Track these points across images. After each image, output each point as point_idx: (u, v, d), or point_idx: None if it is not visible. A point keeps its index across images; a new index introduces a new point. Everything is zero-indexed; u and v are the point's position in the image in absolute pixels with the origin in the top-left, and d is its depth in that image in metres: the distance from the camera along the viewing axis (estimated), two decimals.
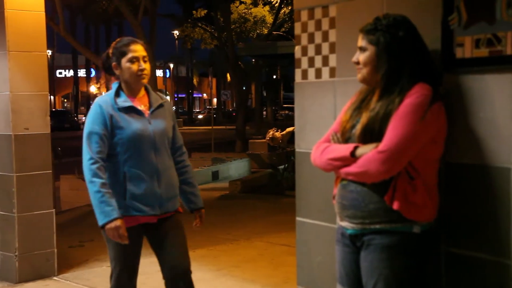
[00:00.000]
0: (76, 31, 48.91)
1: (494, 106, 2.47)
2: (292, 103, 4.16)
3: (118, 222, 3.27)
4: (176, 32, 42.57)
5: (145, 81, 3.46)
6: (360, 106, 2.58)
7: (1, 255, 5.62)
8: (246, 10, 24.18)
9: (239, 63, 22.36)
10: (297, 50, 3.45)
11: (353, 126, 2.54)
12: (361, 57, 2.52)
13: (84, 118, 54.79)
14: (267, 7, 24.17)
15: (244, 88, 23.52)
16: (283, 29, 24.29)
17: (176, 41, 56.35)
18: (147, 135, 3.43)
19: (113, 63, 3.47)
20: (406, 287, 2.42)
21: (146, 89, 3.53)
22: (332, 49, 3.23)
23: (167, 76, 65.35)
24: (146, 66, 3.44)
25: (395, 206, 2.37)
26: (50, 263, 5.73)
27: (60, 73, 65.35)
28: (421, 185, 2.39)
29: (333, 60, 3.23)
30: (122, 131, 3.39)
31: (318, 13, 3.28)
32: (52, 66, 53.34)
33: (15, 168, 5.43)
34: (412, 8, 2.74)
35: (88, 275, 5.93)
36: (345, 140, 2.58)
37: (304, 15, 3.36)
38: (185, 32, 24.43)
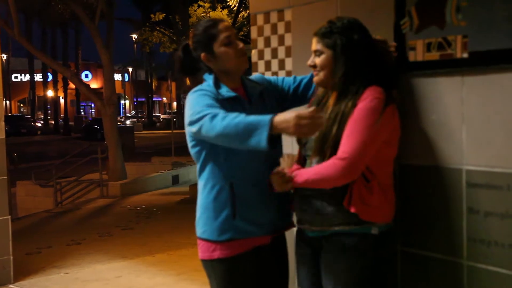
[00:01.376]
0: (32, 35, 48.09)
1: (446, 109, 2.53)
2: None
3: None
4: (134, 36, 42.24)
5: (245, 64, 2.70)
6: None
7: None
8: (204, 14, 24.10)
9: None
10: (254, 53, 3.47)
11: None
12: (317, 60, 2.52)
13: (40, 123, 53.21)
14: (225, 11, 24.14)
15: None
16: (242, 33, 24.33)
17: (135, 45, 55.89)
18: None
19: (202, 54, 2.66)
20: (365, 287, 2.46)
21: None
22: (288, 52, 3.27)
23: (126, 80, 64.73)
24: (241, 44, 2.68)
25: (353, 209, 2.40)
26: (6, 270, 5.62)
27: (16, 77, 64.13)
28: (377, 187, 2.43)
29: (289, 64, 3.27)
30: None
31: (274, 17, 3.31)
32: (7, 70, 52.34)
33: None
34: (365, 12, 2.79)
35: (46, 282, 5.84)
36: (303, 144, 2.60)
37: (260, 19, 3.39)
38: (143, 36, 24.23)
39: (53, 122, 52.21)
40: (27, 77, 57.08)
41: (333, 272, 2.46)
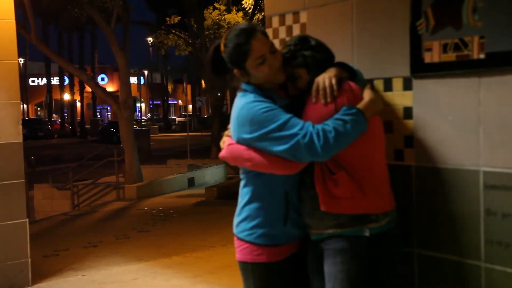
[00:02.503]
0: (48, 39, 48.48)
1: (463, 110, 2.51)
2: None
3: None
4: (150, 39, 42.42)
5: (281, 77, 2.56)
6: None
7: None
8: (219, 17, 24.19)
9: None
10: None
11: None
12: None
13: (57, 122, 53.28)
14: (240, 13, 24.20)
15: (219, 94, 23.51)
16: None
17: (150, 48, 56.16)
18: None
19: (235, 70, 2.58)
20: None
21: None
22: None
23: (142, 83, 65.05)
24: (276, 57, 2.54)
25: (323, 207, 2.43)
26: (24, 273, 5.66)
27: (33, 81, 64.68)
28: (345, 178, 2.41)
29: None
30: None
31: (289, 19, 3.30)
32: (25, 74, 52.82)
33: None
34: (381, 13, 2.79)
35: (63, 285, 5.88)
36: None
37: (275, 21, 3.39)
38: (159, 39, 24.38)
39: (69, 125, 52.60)
40: (44, 80, 57.58)
41: (330, 274, 2.48)
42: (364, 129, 2.38)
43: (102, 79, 60.88)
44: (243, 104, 2.52)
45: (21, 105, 5.91)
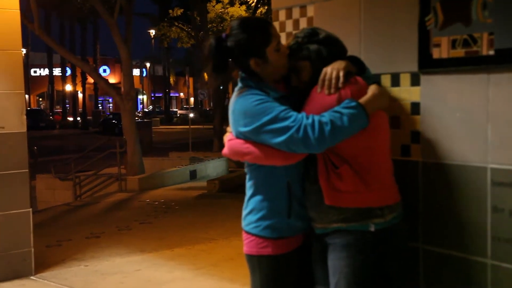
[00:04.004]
0: (51, 29, 48.38)
1: (471, 106, 2.51)
2: None
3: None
4: (152, 31, 42.37)
5: (285, 71, 2.59)
6: None
7: None
8: (223, 10, 24.13)
9: None
10: None
11: None
12: None
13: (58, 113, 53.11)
14: (243, 7, 24.14)
15: (221, 87, 23.48)
16: None
17: (153, 40, 56.07)
18: None
19: (252, 60, 2.50)
20: (367, 283, 2.45)
21: None
22: None
23: (144, 75, 65.02)
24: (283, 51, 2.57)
25: (327, 202, 2.43)
26: (27, 262, 5.68)
27: (35, 71, 64.61)
28: (349, 172, 2.41)
29: None
30: None
31: (296, 12, 3.30)
32: (27, 64, 52.75)
33: None
34: (389, 8, 2.78)
35: (66, 275, 5.89)
36: None
37: (282, 15, 3.38)
38: (161, 31, 24.31)
39: (71, 116, 52.60)
40: (46, 71, 57.52)
41: (335, 269, 2.47)
42: (364, 125, 2.36)
43: (104, 71, 60.80)
44: (237, 98, 2.52)
45: (25, 96, 5.90)
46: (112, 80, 53.38)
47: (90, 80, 42.15)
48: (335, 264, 2.48)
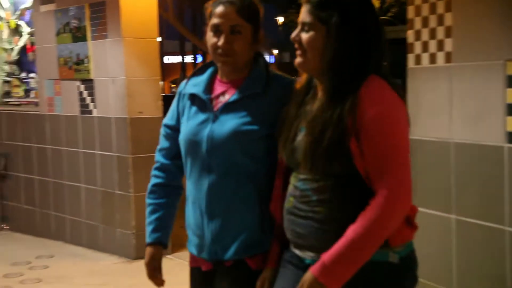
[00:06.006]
0: (183, 18, 50.06)
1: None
2: None
3: (147, 250, 2.37)
4: (279, 18, 42.69)
5: (225, 60, 2.18)
6: (303, 101, 2.01)
7: (120, 233, 5.85)
8: None
9: None
10: (410, 34, 3.37)
11: (296, 135, 1.95)
12: (304, 36, 1.90)
13: None
14: None
15: None
16: (390, 14, 23.76)
17: (280, 27, 56.53)
18: (199, 140, 2.18)
19: (205, 27, 2.21)
20: None
21: (255, 69, 2.21)
22: (448, 33, 3.14)
23: (272, 62, 65.69)
24: (234, 40, 2.12)
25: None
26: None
27: (168, 59, 67.19)
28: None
29: (449, 45, 3.14)
30: (182, 129, 2.29)
31: None
32: (161, 52, 54.91)
33: (131, 150, 5.65)
34: None
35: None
36: (289, 152, 1.97)
37: None
38: (289, 18, 24.42)
39: None
40: (178, 59, 59.69)
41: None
42: None
43: None
44: None
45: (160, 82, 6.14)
46: None
47: None
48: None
